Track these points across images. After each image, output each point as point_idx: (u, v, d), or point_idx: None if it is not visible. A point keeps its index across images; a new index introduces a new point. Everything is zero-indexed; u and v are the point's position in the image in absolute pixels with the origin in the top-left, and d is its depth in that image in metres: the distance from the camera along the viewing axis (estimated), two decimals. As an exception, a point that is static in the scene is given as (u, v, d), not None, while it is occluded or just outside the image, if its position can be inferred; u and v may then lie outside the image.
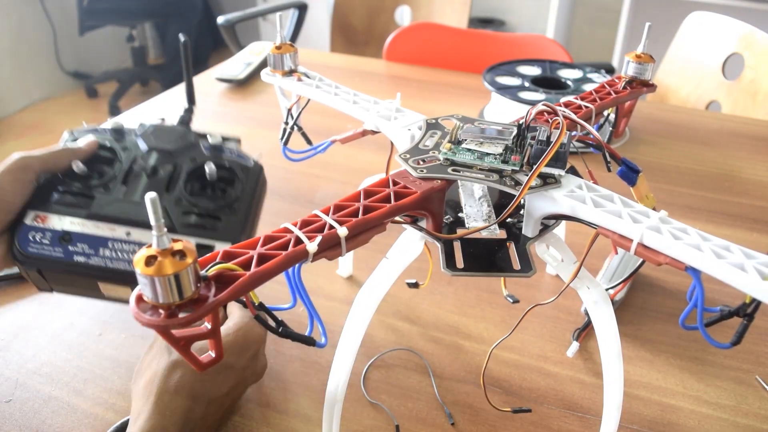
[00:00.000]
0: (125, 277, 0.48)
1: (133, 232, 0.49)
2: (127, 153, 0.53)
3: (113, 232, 0.49)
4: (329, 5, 1.74)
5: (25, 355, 0.55)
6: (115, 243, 0.49)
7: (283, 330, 0.34)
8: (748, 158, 0.94)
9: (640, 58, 0.51)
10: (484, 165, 0.39)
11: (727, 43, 1.23)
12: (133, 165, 0.52)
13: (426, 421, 0.50)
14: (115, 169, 0.52)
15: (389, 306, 0.62)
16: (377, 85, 1.22)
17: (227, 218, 0.51)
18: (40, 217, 0.49)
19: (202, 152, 0.54)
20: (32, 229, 0.49)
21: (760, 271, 0.29)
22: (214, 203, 0.51)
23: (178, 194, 0.51)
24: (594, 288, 0.39)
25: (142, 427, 0.40)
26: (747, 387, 0.53)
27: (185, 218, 0.50)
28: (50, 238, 0.48)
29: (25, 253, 0.48)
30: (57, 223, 0.49)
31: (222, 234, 0.50)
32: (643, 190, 0.44)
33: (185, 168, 0.52)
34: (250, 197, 0.53)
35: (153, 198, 0.25)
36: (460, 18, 1.61)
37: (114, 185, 0.51)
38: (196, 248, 0.47)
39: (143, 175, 0.52)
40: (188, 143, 0.54)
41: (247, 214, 0.52)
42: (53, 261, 0.48)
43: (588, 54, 2.73)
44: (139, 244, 0.49)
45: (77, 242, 0.49)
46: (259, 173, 0.55)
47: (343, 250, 0.33)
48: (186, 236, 0.49)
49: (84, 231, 0.49)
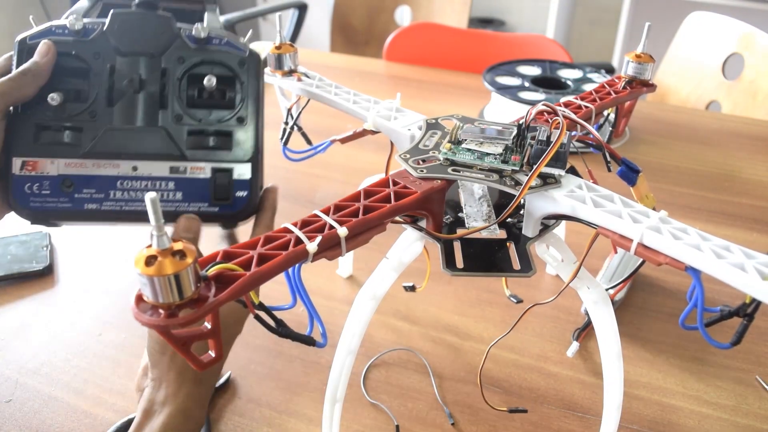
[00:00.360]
0: (143, 216, 0.44)
1: (139, 166, 0.44)
2: (99, 61, 0.45)
3: (118, 169, 0.44)
4: (329, 5, 1.74)
5: (25, 355, 0.55)
6: (123, 181, 0.44)
7: (282, 330, 0.34)
8: (748, 158, 0.94)
9: (640, 58, 0.51)
10: (484, 165, 0.39)
11: (727, 43, 1.23)
12: (113, 77, 0.45)
13: (426, 421, 0.50)
14: (91, 85, 0.44)
15: (389, 306, 0.62)
16: (377, 85, 1.22)
17: (238, 131, 0.46)
18: (29, 164, 0.44)
19: (188, 47, 0.46)
20: (25, 180, 0.44)
21: (760, 271, 0.29)
22: (219, 115, 0.45)
23: (176, 110, 0.45)
24: (594, 288, 0.39)
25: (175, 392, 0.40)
26: (747, 387, 0.53)
27: (193, 140, 0.45)
28: (50, 187, 0.44)
29: (27, 209, 0.44)
30: (51, 168, 0.44)
31: (238, 152, 0.45)
32: (643, 190, 0.44)
33: (175, 73, 0.45)
34: (255, 99, 0.47)
35: (153, 198, 0.24)
36: (460, 18, 1.61)
37: (99, 109, 0.44)
38: (214, 173, 0.45)
39: (129, 91, 0.45)
40: (169, 37, 0.46)
41: (256, 121, 0.46)
42: (62, 213, 0.44)
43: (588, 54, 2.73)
44: (150, 179, 0.45)
45: (82, 188, 0.44)
46: (257, 64, 0.48)
47: (343, 250, 0.33)
48: (199, 162, 0.45)
49: (85, 173, 0.44)
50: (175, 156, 0.45)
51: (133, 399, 0.51)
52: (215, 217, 0.46)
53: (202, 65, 0.46)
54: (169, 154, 0.45)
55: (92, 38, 0.45)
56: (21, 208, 0.44)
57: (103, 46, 0.45)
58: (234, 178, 0.46)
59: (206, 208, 0.45)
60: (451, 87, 1.20)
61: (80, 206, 0.44)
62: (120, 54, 0.45)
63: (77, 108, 0.44)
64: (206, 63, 0.46)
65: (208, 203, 0.45)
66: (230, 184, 0.45)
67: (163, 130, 0.45)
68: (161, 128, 0.45)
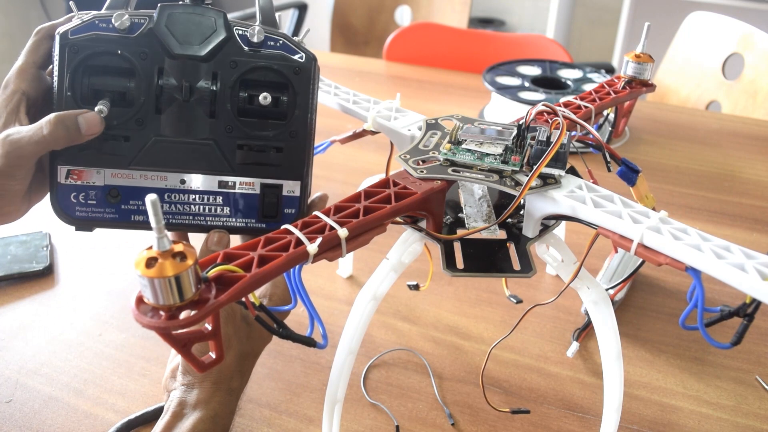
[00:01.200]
0: (192, 229, 0.44)
1: (187, 179, 0.43)
2: (147, 62, 0.41)
3: (165, 182, 0.43)
4: (329, 5, 1.74)
5: (25, 355, 0.55)
6: (171, 194, 0.43)
7: (283, 331, 0.34)
8: (748, 158, 0.94)
9: (640, 58, 0.51)
10: (484, 165, 0.39)
11: (727, 43, 1.23)
12: (161, 82, 0.41)
13: (426, 421, 0.50)
14: (138, 89, 0.41)
15: (389, 306, 0.62)
16: (377, 85, 1.22)
17: (289, 145, 0.43)
18: (75, 173, 0.42)
19: (242, 50, 0.42)
20: (71, 189, 0.42)
21: (760, 272, 0.29)
22: (272, 128, 0.43)
23: (227, 120, 0.42)
24: (594, 288, 0.39)
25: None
26: (747, 387, 0.53)
27: (243, 154, 0.43)
28: (96, 197, 0.42)
29: (73, 218, 0.43)
30: (96, 178, 0.42)
31: (288, 168, 0.43)
32: (642, 190, 0.44)
33: (227, 80, 0.42)
34: (308, 112, 0.43)
35: (153, 200, 0.24)
36: (460, 18, 1.61)
37: (147, 116, 0.42)
38: (263, 189, 0.44)
39: (179, 98, 0.42)
40: (222, 39, 0.42)
41: (308, 135, 0.44)
42: (107, 223, 0.43)
43: (588, 54, 2.73)
44: (199, 193, 0.43)
45: (129, 199, 0.43)
46: (312, 70, 0.43)
47: (344, 251, 0.33)
48: (246, 177, 0.43)
49: (132, 184, 0.43)
50: (224, 170, 0.43)
51: (133, 399, 0.51)
52: (261, 233, 0.45)
53: (255, 71, 0.43)
54: (218, 168, 0.43)
55: (138, 35, 0.41)
56: (67, 216, 0.43)
57: (151, 46, 0.41)
58: (283, 194, 0.44)
59: (253, 224, 0.44)
60: (451, 87, 1.20)
61: (127, 218, 0.43)
62: (169, 56, 0.41)
63: (123, 114, 0.42)
64: (260, 69, 0.42)
65: (256, 219, 0.44)
66: (279, 201, 0.44)
67: (212, 142, 0.43)
68: (211, 140, 0.43)
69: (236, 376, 0.42)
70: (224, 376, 0.41)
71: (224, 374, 0.41)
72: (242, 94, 0.42)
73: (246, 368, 0.43)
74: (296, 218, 0.45)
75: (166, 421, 0.39)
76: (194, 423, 0.39)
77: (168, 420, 0.39)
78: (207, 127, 0.42)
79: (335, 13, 1.74)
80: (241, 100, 0.43)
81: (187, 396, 0.40)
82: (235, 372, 0.42)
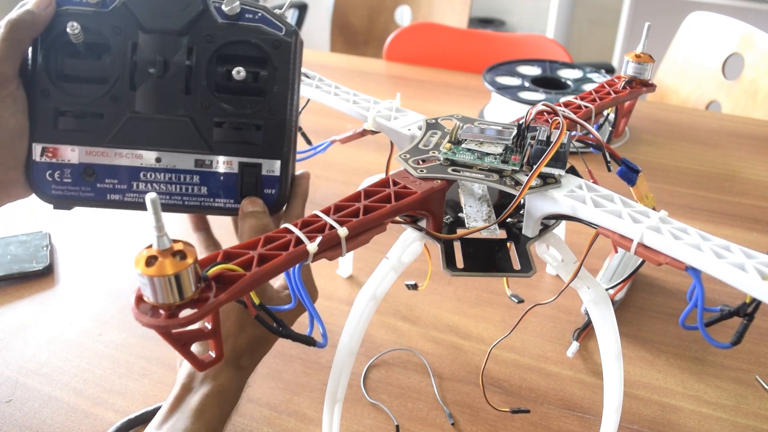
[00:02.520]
0: (167, 209, 0.43)
1: (163, 157, 0.42)
2: (120, 37, 0.40)
3: (141, 160, 0.42)
4: (329, 5, 1.74)
5: (25, 355, 0.55)
6: (146, 173, 0.42)
7: (283, 330, 0.34)
8: (748, 158, 0.94)
9: (640, 58, 0.51)
10: (484, 165, 0.39)
11: (727, 43, 1.23)
12: (135, 57, 0.41)
13: (426, 421, 0.50)
14: (112, 65, 0.41)
15: (389, 306, 0.62)
16: (377, 85, 1.23)
17: (268, 123, 0.42)
18: (50, 150, 0.41)
19: (217, 23, 0.41)
20: (46, 167, 0.42)
21: (760, 271, 0.29)
22: (250, 105, 0.42)
23: (203, 97, 0.41)
24: (594, 288, 0.39)
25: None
26: (747, 387, 0.53)
27: (220, 132, 0.42)
28: (71, 175, 0.42)
29: (49, 195, 0.43)
30: (71, 156, 0.42)
31: (268, 146, 0.42)
32: (642, 190, 0.44)
33: (203, 55, 0.41)
34: (289, 88, 0.42)
35: (153, 199, 0.24)
36: (460, 18, 1.61)
37: (121, 93, 0.41)
38: (241, 168, 0.42)
39: (153, 74, 0.41)
40: (197, 11, 0.41)
41: (289, 112, 0.42)
42: (84, 201, 0.43)
43: (588, 54, 2.73)
44: (174, 172, 0.42)
45: (104, 178, 0.42)
46: (293, 44, 0.42)
47: (344, 251, 0.33)
48: (224, 155, 0.42)
49: (107, 162, 0.42)
50: (200, 148, 0.42)
51: (133, 398, 0.51)
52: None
53: (232, 45, 0.41)
54: (194, 146, 0.42)
55: (112, 9, 0.40)
56: (43, 194, 0.43)
57: (125, 20, 0.40)
58: (263, 174, 0.43)
59: (232, 205, 0.43)
60: (451, 87, 1.20)
61: (103, 197, 0.43)
62: (143, 30, 0.40)
63: (97, 91, 0.41)
64: (237, 43, 0.41)
65: (234, 200, 0.43)
66: (258, 180, 0.43)
67: (188, 119, 0.41)
68: (187, 117, 0.41)
69: (246, 355, 0.42)
70: (234, 353, 0.41)
71: (235, 351, 0.41)
72: (219, 69, 0.41)
73: (258, 351, 0.43)
74: (277, 199, 0.44)
75: (176, 393, 0.40)
76: (202, 397, 0.39)
77: (178, 393, 0.40)
78: (183, 104, 0.41)
79: (335, 13, 1.74)
80: (218, 76, 0.41)
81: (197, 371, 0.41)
82: (246, 351, 0.42)
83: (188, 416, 0.38)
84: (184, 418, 0.38)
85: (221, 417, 0.40)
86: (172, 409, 0.39)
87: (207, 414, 0.39)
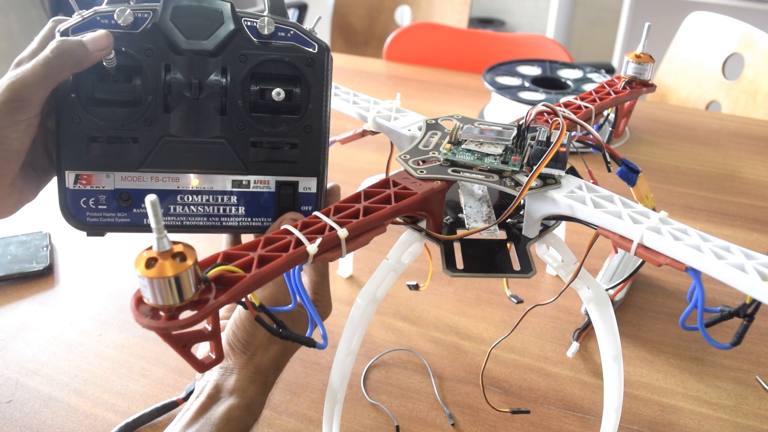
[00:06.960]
0: (207, 230, 0.43)
1: (200, 180, 0.42)
2: (152, 59, 0.39)
3: (177, 183, 0.41)
4: (329, 5, 1.74)
5: (26, 355, 0.55)
6: (183, 196, 0.41)
7: (283, 331, 0.34)
8: (748, 158, 0.94)
9: (640, 58, 0.51)
10: (484, 165, 0.39)
11: (727, 43, 1.23)
12: (168, 79, 0.40)
13: (426, 422, 0.50)
14: (145, 87, 0.40)
15: (389, 306, 0.62)
16: (377, 85, 1.22)
17: (304, 141, 0.42)
18: (84, 178, 0.40)
19: (252, 42, 0.40)
20: (80, 195, 0.41)
21: (760, 272, 0.29)
22: (285, 123, 0.41)
23: (238, 117, 0.41)
24: (594, 288, 0.39)
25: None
26: (747, 387, 0.53)
27: (256, 151, 0.41)
28: (106, 201, 0.41)
29: (84, 224, 0.42)
30: (106, 182, 0.41)
31: (303, 164, 0.42)
32: (642, 190, 0.44)
33: (237, 74, 0.40)
34: (323, 105, 0.42)
35: (153, 200, 0.24)
36: (460, 18, 1.61)
37: (155, 116, 0.40)
38: (278, 187, 0.42)
39: (187, 96, 0.40)
40: (231, 32, 0.40)
41: (323, 129, 0.42)
42: (119, 227, 0.42)
43: (588, 54, 2.73)
44: (212, 194, 0.42)
45: (140, 202, 0.41)
46: (325, 61, 0.42)
47: (344, 252, 0.33)
48: (261, 175, 0.42)
49: (143, 187, 0.41)
50: (237, 169, 0.42)
51: (133, 399, 0.51)
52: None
53: (266, 63, 0.41)
54: (231, 167, 0.42)
55: (142, 31, 0.39)
56: (78, 222, 0.42)
57: (156, 42, 0.39)
58: (299, 191, 0.43)
59: (269, 224, 0.43)
60: (451, 87, 1.20)
61: (139, 222, 0.42)
62: (175, 51, 0.39)
63: (131, 115, 0.40)
64: (271, 61, 0.41)
65: (272, 218, 0.43)
66: (295, 198, 0.43)
67: (224, 140, 0.41)
68: (223, 138, 0.41)
69: (273, 370, 0.42)
70: (264, 367, 0.41)
71: (264, 366, 0.41)
72: (254, 89, 0.41)
73: (283, 364, 0.43)
74: None
75: (201, 402, 0.40)
76: (229, 408, 0.39)
77: (203, 401, 0.40)
78: (218, 125, 0.41)
79: (335, 13, 1.74)
80: (252, 95, 0.41)
81: (225, 381, 0.40)
82: (273, 366, 0.42)
83: (214, 425, 0.38)
84: (210, 424, 0.38)
85: (244, 430, 0.40)
86: (196, 416, 0.39)
87: (232, 425, 0.39)
